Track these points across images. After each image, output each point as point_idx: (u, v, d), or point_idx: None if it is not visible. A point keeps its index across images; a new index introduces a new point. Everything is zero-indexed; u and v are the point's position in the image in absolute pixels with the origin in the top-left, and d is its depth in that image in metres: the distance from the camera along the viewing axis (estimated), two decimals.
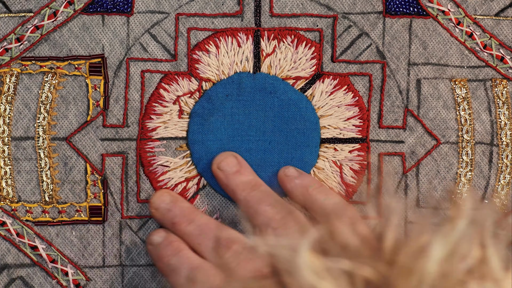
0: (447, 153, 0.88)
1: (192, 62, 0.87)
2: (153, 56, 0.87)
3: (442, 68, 0.88)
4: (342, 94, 0.88)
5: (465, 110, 0.88)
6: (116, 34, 0.86)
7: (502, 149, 0.88)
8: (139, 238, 0.87)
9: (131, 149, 0.87)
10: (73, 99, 0.86)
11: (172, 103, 0.87)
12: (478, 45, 0.88)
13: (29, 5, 0.86)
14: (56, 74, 0.86)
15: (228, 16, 0.87)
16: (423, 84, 0.88)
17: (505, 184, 0.88)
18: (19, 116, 0.86)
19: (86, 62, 0.86)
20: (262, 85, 0.87)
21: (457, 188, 0.87)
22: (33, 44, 0.86)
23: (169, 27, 0.87)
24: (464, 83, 0.88)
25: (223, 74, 0.87)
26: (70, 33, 0.86)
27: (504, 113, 0.88)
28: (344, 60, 0.88)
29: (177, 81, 0.87)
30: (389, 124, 0.88)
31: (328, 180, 0.87)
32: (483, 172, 0.88)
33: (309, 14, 0.87)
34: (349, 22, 0.87)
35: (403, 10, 0.88)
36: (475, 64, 0.88)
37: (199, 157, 0.87)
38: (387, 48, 0.88)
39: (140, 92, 0.87)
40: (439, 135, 0.88)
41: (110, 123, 0.86)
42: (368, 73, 0.88)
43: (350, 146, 0.88)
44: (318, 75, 0.87)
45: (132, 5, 0.86)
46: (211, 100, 0.87)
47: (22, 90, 0.86)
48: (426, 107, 0.88)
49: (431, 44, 0.88)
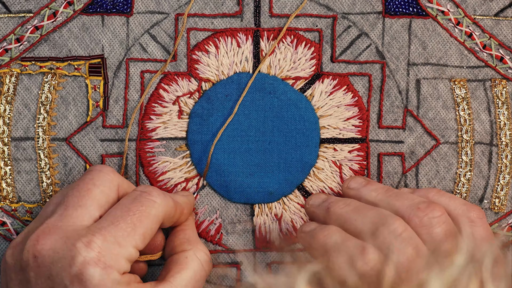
0: (447, 153, 0.88)
1: (192, 63, 0.87)
2: (153, 57, 0.87)
3: (442, 68, 0.88)
4: (341, 94, 0.88)
5: (464, 110, 0.88)
6: (115, 34, 0.86)
7: (502, 149, 0.88)
8: None
9: (131, 149, 0.87)
10: (72, 99, 0.86)
11: (171, 104, 0.87)
12: (477, 45, 0.88)
13: (29, 6, 0.86)
14: (55, 75, 0.86)
15: (227, 16, 0.87)
16: (423, 84, 0.88)
17: (505, 184, 0.88)
18: (19, 117, 0.86)
19: (86, 63, 0.86)
20: (262, 85, 0.87)
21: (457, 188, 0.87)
22: (33, 44, 0.86)
23: (169, 27, 0.87)
24: (464, 83, 0.88)
25: (223, 74, 0.87)
26: (69, 34, 0.86)
27: (504, 113, 0.88)
28: (344, 60, 0.88)
29: (176, 82, 0.87)
30: (389, 124, 0.88)
31: (328, 181, 0.87)
32: (482, 172, 0.88)
33: (308, 14, 0.87)
34: (349, 22, 0.87)
35: (402, 10, 0.88)
36: (475, 64, 0.88)
37: (199, 157, 0.87)
38: (387, 48, 0.88)
39: (140, 92, 0.87)
40: (439, 135, 0.88)
41: (110, 123, 0.86)
42: (368, 73, 0.88)
43: (350, 146, 0.88)
44: (318, 75, 0.87)
45: (131, 5, 0.86)
46: (211, 100, 0.87)
47: (22, 91, 0.86)
48: (425, 107, 0.88)
49: (430, 44, 0.88)
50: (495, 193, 0.88)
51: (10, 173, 0.86)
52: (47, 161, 0.86)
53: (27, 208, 0.86)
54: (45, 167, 0.86)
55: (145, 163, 0.87)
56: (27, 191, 0.86)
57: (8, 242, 0.86)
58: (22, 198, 0.86)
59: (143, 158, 0.87)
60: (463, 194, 0.88)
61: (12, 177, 0.86)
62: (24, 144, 0.86)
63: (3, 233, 0.86)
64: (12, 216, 0.86)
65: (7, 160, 0.86)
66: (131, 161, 0.87)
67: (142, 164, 0.87)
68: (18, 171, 0.86)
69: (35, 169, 0.86)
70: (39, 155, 0.86)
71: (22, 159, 0.86)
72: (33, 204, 0.86)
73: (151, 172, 0.87)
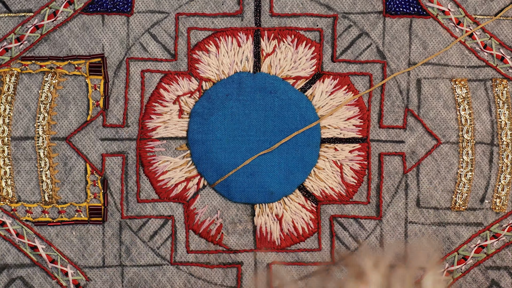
0: (448, 153, 0.88)
1: (192, 62, 0.87)
2: (153, 56, 0.87)
3: (442, 68, 0.88)
4: (342, 94, 0.88)
5: (465, 110, 0.88)
6: (116, 34, 0.86)
7: (503, 149, 0.88)
8: (139, 238, 0.87)
9: (131, 149, 0.87)
10: (73, 99, 0.86)
11: (172, 103, 0.87)
12: (478, 45, 0.88)
13: (29, 5, 0.86)
14: (56, 74, 0.86)
15: (228, 16, 0.87)
16: (423, 84, 0.88)
17: (506, 184, 0.88)
18: (19, 116, 0.86)
19: (86, 62, 0.86)
20: (262, 85, 0.87)
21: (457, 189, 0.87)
22: (33, 44, 0.86)
23: (169, 26, 0.87)
24: (465, 83, 0.88)
25: (223, 73, 0.87)
26: (70, 33, 0.86)
27: (505, 113, 0.88)
28: (344, 60, 0.88)
29: (177, 81, 0.87)
30: (390, 124, 0.88)
31: (329, 180, 0.87)
32: (483, 172, 0.88)
33: (309, 14, 0.87)
34: (349, 22, 0.87)
35: (403, 10, 0.88)
36: (475, 64, 0.88)
37: (199, 156, 0.87)
38: (387, 48, 0.88)
39: (140, 92, 0.87)
40: (440, 135, 0.88)
41: (110, 123, 0.86)
42: (368, 73, 0.87)
43: (351, 146, 0.88)
44: (318, 75, 0.87)
45: (132, 4, 0.86)
46: (211, 99, 0.87)
47: (22, 90, 0.86)
48: (426, 107, 0.88)
49: (431, 44, 0.88)
50: (496, 193, 0.88)
51: (10, 172, 0.86)
52: (47, 160, 0.86)
53: (27, 208, 0.86)
54: (45, 166, 0.86)
55: (146, 163, 0.86)
56: (27, 191, 0.86)
57: (8, 242, 0.86)
58: (22, 198, 0.86)
59: (143, 157, 0.86)
60: (464, 194, 0.87)
61: (12, 177, 0.86)
62: (24, 144, 0.86)
63: (3, 233, 0.86)
64: (12, 216, 0.86)
65: (7, 160, 0.85)
66: (131, 160, 0.86)
67: (142, 164, 0.86)
68: (18, 171, 0.86)
69: (35, 168, 0.86)
70: (39, 154, 0.86)
71: (22, 159, 0.86)
72: (32, 204, 0.86)
73: (151, 172, 0.87)
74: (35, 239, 0.86)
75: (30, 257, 0.86)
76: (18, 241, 0.86)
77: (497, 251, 0.88)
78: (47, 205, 0.86)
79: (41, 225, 0.86)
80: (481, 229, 0.88)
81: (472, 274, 0.87)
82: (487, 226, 0.88)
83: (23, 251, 0.86)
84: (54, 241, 0.86)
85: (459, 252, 0.87)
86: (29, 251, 0.86)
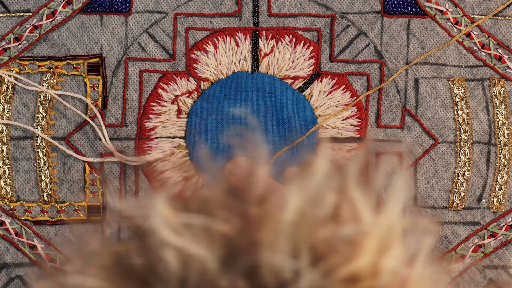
0: (445, 152, 0.88)
1: (190, 62, 0.87)
2: (152, 56, 0.87)
3: (440, 67, 0.88)
4: (340, 94, 0.88)
5: (463, 109, 0.88)
6: (114, 33, 0.86)
7: (500, 148, 0.88)
8: None
9: (130, 148, 0.87)
10: (71, 98, 0.86)
11: (170, 103, 0.87)
12: (476, 44, 0.88)
13: (28, 5, 0.86)
14: (54, 74, 0.86)
15: (226, 15, 0.87)
16: (421, 84, 0.88)
17: (503, 183, 0.88)
18: (17, 116, 0.86)
19: (85, 62, 0.86)
20: (260, 85, 0.87)
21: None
22: (32, 43, 0.86)
23: (168, 27, 0.87)
24: (462, 82, 0.88)
25: (221, 73, 0.87)
26: (68, 33, 0.86)
27: (502, 112, 0.88)
28: (342, 60, 0.88)
29: (175, 81, 0.87)
30: (387, 124, 0.88)
31: None
32: (480, 171, 0.88)
33: (307, 14, 0.87)
34: (347, 22, 0.87)
35: (401, 10, 0.88)
36: (473, 64, 0.88)
37: (198, 156, 0.87)
38: (385, 48, 0.88)
39: (139, 91, 0.87)
40: (437, 134, 0.88)
41: (109, 122, 0.87)
42: (366, 73, 0.88)
43: (348, 146, 0.88)
44: (316, 75, 0.88)
45: (130, 4, 0.86)
46: (209, 99, 0.87)
47: (21, 90, 0.86)
48: (424, 106, 0.88)
49: (429, 43, 0.88)
50: (493, 192, 0.88)
51: (9, 172, 0.86)
52: (46, 160, 0.86)
53: (26, 207, 0.86)
54: (44, 166, 0.86)
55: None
56: (25, 190, 0.86)
57: (7, 241, 0.86)
58: (20, 197, 0.86)
59: None
60: (461, 193, 0.88)
61: (11, 176, 0.86)
62: (23, 143, 0.86)
63: (2, 233, 0.86)
64: (11, 215, 0.86)
65: (6, 159, 0.86)
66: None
67: None
68: (17, 170, 0.86)
69: (34, 168, 0.86)
70: (37, 154, 0.86)
71: (21, 158, 0.86)
72: (31, 203, 0.86)
73: (150, 171, 0.87)
74: (34, 238, 0.86)
75: (29, 256, 0.86)
76: (17, 240, 0.86)
77: (495, 250, 0.88)
78: (46, 204, 0.86)
79: (40, 224, 0.86)
80: (478, 228, 0.88)
81: (470, 273, 0.88)
82: (484, 225, 0.88)
83: (22, 250, 0.86)
84: (53, 240, 0.87)
85: (457, 251, 0.88)
86: (28, 250, 0.86)
